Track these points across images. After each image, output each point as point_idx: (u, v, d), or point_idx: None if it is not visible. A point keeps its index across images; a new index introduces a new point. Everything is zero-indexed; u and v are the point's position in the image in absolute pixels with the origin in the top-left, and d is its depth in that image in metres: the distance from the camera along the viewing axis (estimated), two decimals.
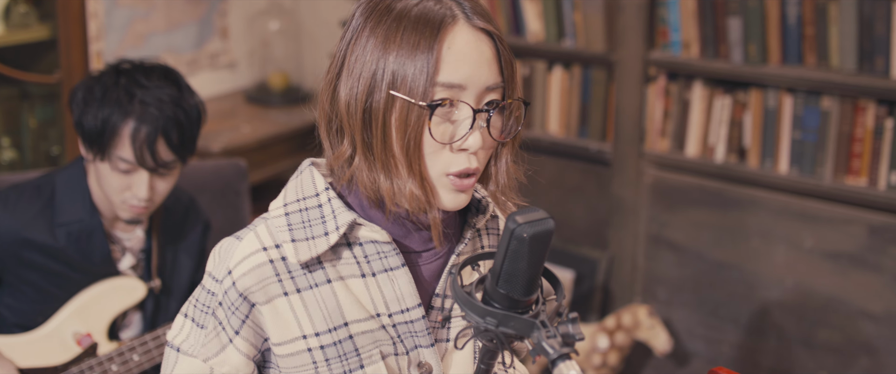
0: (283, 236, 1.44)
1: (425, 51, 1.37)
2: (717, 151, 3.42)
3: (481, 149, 1.42)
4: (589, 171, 3.73)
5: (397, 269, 1.46)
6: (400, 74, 1.37)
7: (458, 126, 1.40)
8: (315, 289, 1.44)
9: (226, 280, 1.44)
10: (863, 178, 3.19)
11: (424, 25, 1.38)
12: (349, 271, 1.46)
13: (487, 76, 1.41)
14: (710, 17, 3.34)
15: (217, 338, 1.47)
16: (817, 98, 3.21)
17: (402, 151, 1.39)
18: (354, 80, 1.41)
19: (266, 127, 3.96)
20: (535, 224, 1.18)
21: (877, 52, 3.10)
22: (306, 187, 1.48)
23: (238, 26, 4.36)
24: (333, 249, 1.45)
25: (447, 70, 1.38)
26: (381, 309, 1.47)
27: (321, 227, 1.44)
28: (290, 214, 1.46)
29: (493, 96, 1.42)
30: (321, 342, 1.44)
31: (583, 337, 1.20)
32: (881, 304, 3.22)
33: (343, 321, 1.45)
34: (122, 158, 2.24)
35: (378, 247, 1.46)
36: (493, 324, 1.21)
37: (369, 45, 1.40)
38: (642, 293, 3.71)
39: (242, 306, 1.44)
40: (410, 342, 1.49)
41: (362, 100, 1.40)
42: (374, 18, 1.41)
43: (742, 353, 3.53)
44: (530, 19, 3.68)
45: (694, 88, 3.42)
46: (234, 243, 1.46)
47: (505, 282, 1.21)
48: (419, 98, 1.37)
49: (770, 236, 3.38)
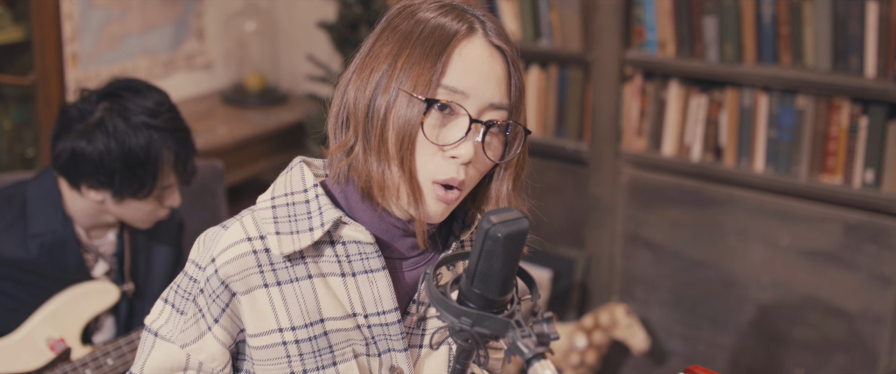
0: (268, 228, 1.45)
1: (437, 53, 1.40)
2: (693, 150, 3.44)
3: (472, 165, 1.43)
4: (566, 170, 3.73)
5: (377, 271, 1.47)
6: (408, 72, 1.40)
7: (453, 132, 1.41)
8: (295, 283, 1.45)
9: (209, 268, 1.45)
10: (838, 176, 3.21)
11: (442, 31, 1.42)
12: (330, 268, 1.47)
13: (493, 93, 1.42)
14: (685, 17, 3.35)
15: (196, 325, 1.48)
16: (792, 97, 3.22)
17: (395, 146, 1.40)
18: (366, 73, 1.44)
19: (243, 128, 3.95)
20: (509, 224, 1.18)
21: (851, 50, 3.12)
22: (295, 182, 1.49)
23: (214, 27, 4.34)
24: (316, 245, 1.46)
25: (453, 75, 1.40)
26: (357, 309, 1.47)
27: (306, 222, 1.45)
28: (277, 207, 1.47)
29: (497, 116, 1.43)
30: (296, 336, 1.45)
31: (558, 336, 1.20)
32: (856, 301, 3.23)
33: (319, 318, 1.46)
34: (165, 185, 2.29)
35: (361, 247, 1.47)
36: (468, 324, 1.21)
37: (386, 44, 1.44)
38: (620, 292, 3.72)
39: (223, 295, 1.45)
40: (384, 345, 1.50)
41: (370, 92, 1.42)
42: (396, 21, 1.46)
43: (719, 351, 3.54)
44: (507, 19, 3.68)
45: (670, 88, 3.43)
46: (220, 232, 1.47)
47: (480, 282, 1.21)
48: (421, 94, 1.39)
49: (746, 235, 3.39)
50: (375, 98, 1.42)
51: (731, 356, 3.52)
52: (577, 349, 3.49)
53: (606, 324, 3.48)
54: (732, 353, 3.52)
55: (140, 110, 2.23)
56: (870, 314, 3.22)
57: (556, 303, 3.77)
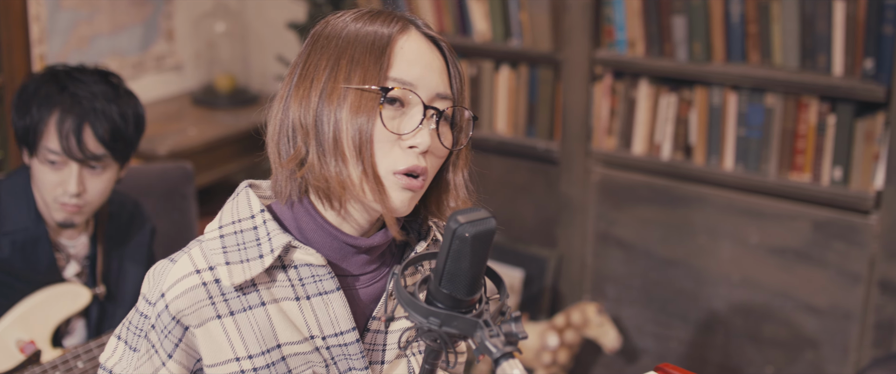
0: (218, 258, 1.43)
1: (379, 50, 1.41)
2: (663, 149, 3.45)
3: (430, 153, 1.43)
4: (537, 170, 3.74)
5: (332, 292, 1.45)
6: (353, 71, 1.41)
7: (409, 121, 1.42)
8: (249, 312, 1.44)
9: (159, 303, 1.43)
10: (806, 174, 3.23)
11: (378, 32, 1.43)
12: (283, 293, 1.45)
13: (438, 83, 1.44)
14: (654, 16, 3.36)
15: (150, 361, 1.46)
16: (761, 95, 3.24)
17: (352, 146, 1.40)
18: (306, 85, 1.43)
19: (213, 129, 3.94)
20: (476, 224, 1.18)
21: (819, 49, 3.14)
22: (242, 208, 1.47)
23: (184, 28, 4.33)
24: (268, 271, 1.45)
25: (399, 68, 1.41)
26: (315, 332, 1.46)
27: (256, 249, 1.43)
28: (225, 236, 1.45)
29: (443, 105, 1.45)
30: (254, 364, 1.43)
31: (526, 336, 1.21)
32: (825, 298, 3.25)
33: (276, 343, 1.44)
34: (50, 149, 2.22)
35: (313, 270, 1.45)
36: (437, 324, 1.21)
37: (322, 57, 1.44)
38: (591, 291, 3.73)
39: (176, 330, 1.43)
40: (344, 365, 1.48)
41: (315, 102, 1.41)
42: (326, 32, 1.46)
43: (690, 349, 3.56)
44: (477, 19, 3.69)
45: (640, 87, 3.45)
46: (168, 266, 1.45)
47: (448, 282, 1.21)
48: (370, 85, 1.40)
49: (716, 233, 3.41)
50: (321, 107, 1.41)
51: (702, 354, 3.54)
52: (549, 348, 3.49)
53: (578, 323, 3.48)
54: (703, 351, 3.54)
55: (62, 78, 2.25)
56: (839, 310, 3.24)
57: (528, 302, 3.77)
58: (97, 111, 2.23)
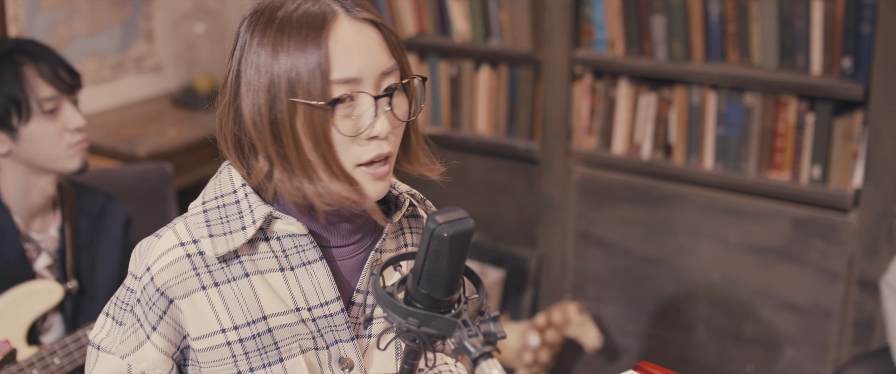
0: (201, 231, 1.45)
1: (313, 52, 1.38)
2: (643, 148, 3.46)
3: (391, 133, 1.44)
4: (517, 169, 3.74)
5: (315, 262, 1.47)
6: (295, 80, 1.38)
7: (363, 117, 1.41)
8: (233, 283, 1.46)
9: (144, 277, 1.46)
10: (786, 172, 3.24)
11: (307, 27, 1.39)
12: (267, 265, 1.47)
13: (380, 62, 1.42)
14: (634, 16, 3.37)
15: (134, 335, 1.48)
16: (740, 94, 3.25)
17: (316, 154, 1.40)
18: (253, 95, 1.41)
19: (193, 130, 3.93)
20: (454, 224, 1.19)
21: (797, 48, 3.15)
22: (224, 184, 1.49)
23: (163, 29, 4.32)
24: (251, 243, 1.47)
25: (339, 66, 1.39)
26: (300, 303, 1.48)
27: (238, 222, 1.45)
28: (209, 211, 1.47)
29: (391, 80, 1.44)
30: (240, 335, 1.45)
31: (504, 335, 1.21)
32: (805, 296, 3.27)
33: (262, 315, 1.46)
34: (46, 97, 2.28)
35: (295, 240, 1.47)
36: (415, 324, 1.21)
37: (260, 58, 1.41)
38: (572, 290, 3.73)
39: (160, 302, 1.45)
40: (331, 337, 1.50)
41: (266, 113, 1.40)
42: (259, 31, 1.42)
43: (671, 347, 3.57)
44: (457, 19, 3.69)
45: (619, 86, 3.45)
46: (153, 241, 1.48)
47: (426, 282, 1.21)
48: (318, 99, 1.38)
49: (696, 231, 3.42)
50: (275, 117, 1.40)
51: (683, 353, 3.55)
52: (530, 348, 3.50)
53: (559, 322, 3.49)
54: (684, 349, 3.55)
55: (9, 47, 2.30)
56: (818, 308, 3.25)
57: (509, 302, 3.78)
58: (46, 50, 2.34)
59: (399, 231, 1.61)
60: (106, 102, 4.14)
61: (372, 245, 1.55)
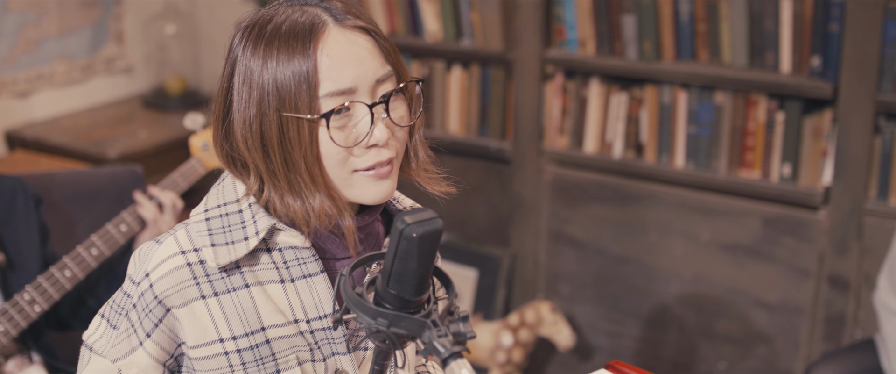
0: (203, 240, 1.45)
1: (302, 64, 1.37)
2: (614, 147, 3.47)
3: (391, 139, 1.44)
4: (489, 169, 3.75)
5: (316, 275, 1.47)
6: (285, 95, 1.38)
7: (359, 126, 1.41)
8: (233, 293, 1.45)
9: (143, 283, 1.45)
10: (756, 170, 3.26)
11: (295, 40, 1.38)
12: (268, 276, 1.47)
13: (374, 70, 1.41)
14: (604, 15, 3.38)
15: (128, 340, 1.47)
16: (711, 93, 3.27)
17: (304, 170, 1.40)
18: (243, 111, 1.41)
19: (164, 132, 3.91)
20: (423, 224, 1.19)
21: (767, 47, 3.17)
22: (227, 193, 1.49)
23: (133, 30, 4.30)
24: (252, 254, 1.46)
25: (332, 78, 1.38)
26: (299, 315, 1.47)
27: (241, 232, 1.45)
28: (211, 219, 1.47)
29: (387, 86, 1.43)
30: (238, 345, 1.45)
31: (474, 335, 1.21)
32: (776, 294, 3.28)
33: (260, 326, 1.46)
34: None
35: (297, 253, 1.47)
36: (384, 325, 1.21)
37: (251, 72, 1.40)
38: (545, 290, 3.74)
39: (157, 310, 1.45)
40: (328, 349, 1.49)
41: (257, 129, 1.40)
42: (249, 45, 1.42)
43: (644, 346, 3.58)
44: (428, 19, 3.69)
45: (591, 86, 3.46)
46: (153, 247, 1.47)
47: (395, 282, 1.21)
48: (308, 112, 1.37)
49: (668, 230, 3.43)
50: (264, 133, 1.40)
51: (656, 351, 3.56)
52: (504, 348, 3.50)
53: (532, 322, 3.50)
54: (656, 347, 3.56)
55: None
56: (789, 305, 3.27)
57: (482, 302, 3.78)
58: None
59: None
60: (76, 104, 4.12)
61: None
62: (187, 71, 4.40)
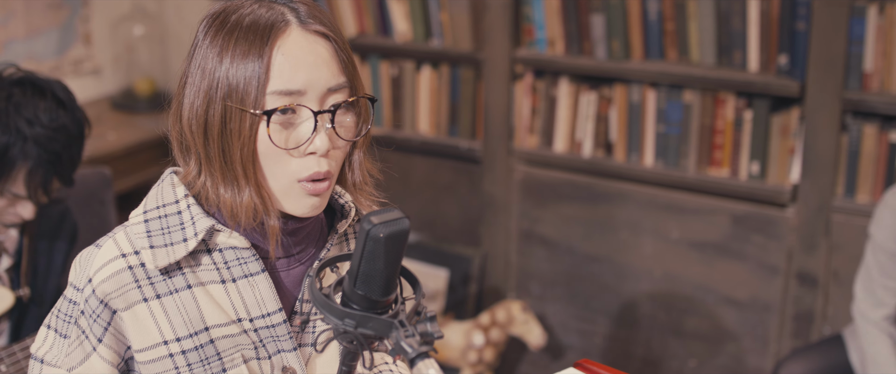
0: (142, 242, 1.44)
1: (256, 59, 1.37)
2: (584, 147, 3.47)
3: (332, 150, 1.42)
4: (460, 169, 3.75)
5: (257, 274, 1.47)
6: (233, 85, 1.38)
7: (301, 130, 1.40)
8: (175, 295, 1.44)
9: (86, 288, 1.44)
10: (725, 168, 3.27)
11: (254, 34, 1.38)
12: (209, 277, 1.46)
13: (327, 78, 1.40)
14: (573, 15, 3.38)
15: (81, 347, 1.46)
16: (679, 92, 3.28)
17: (239, 163, 1.39)
18: (194, 95, 1.41)
19: (133, 134, 3.90)
20: (390, 224, 1.18)
21: (734, 46, 3.18)
22: (166, 194, 1.48)
23: (101, 32, 4.27)
24: (193, 255, 1.46)
25: (283, 77, 1.37)
26: (242, 315, 1.47)
27: (180, 233, 1.44)
28: (150, 220, 1.46)
29: (338, 97, 1.42)
30: (182, 347, 1.44)
31: (441, 335, 1.21)
32: (745, 291, 3.30)
33: (204, 326, 1.45)
34: (14, 193, 2.20)
35: (237, 252, 1.46)
36: (352, 326, 1.21)
37: (207, 60, 1.40)
38: (516, 289, 3.74)
39: (104, 314, 1.43)
40: (273, 347, 1.49)
41: (202, 114, 1.40)
42: (212, 32, 1.42)
43: (614, 344, 3.59)
44: (397, 20, 3.68)
45: (560, 85, 3.47)
46: (94, 252, 1.46)
47: (362, 283, 1.21)
48: (252, 107, 1.37)
49: (638, 228, 3.44)
50: (207, 119, 1.40)
51: (626, 349, 3.57)
52: (475, 347, 3.50)
53: (503, 321, 3.50)
54: (627, 345, 3.57)
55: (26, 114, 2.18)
56: (758, 302, 3.29)
57: (454, 301, 3.78)
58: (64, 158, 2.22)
59: (344, 241, 1.60)
60: None
61: (316, 255, 1.54)
62: (156, 72, 4.38)
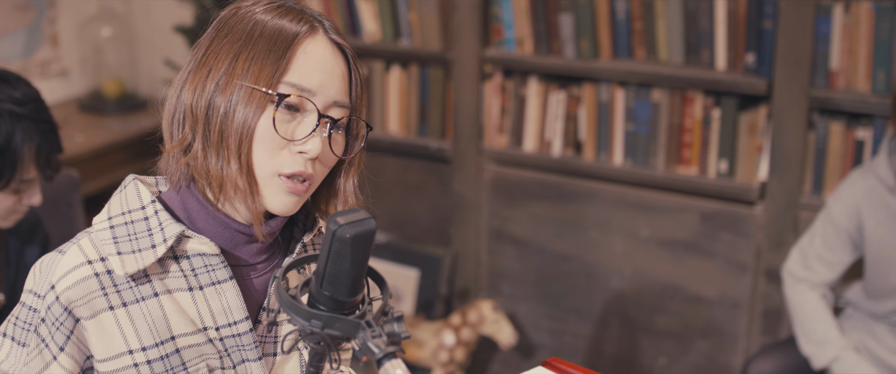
0: (109, 248, 1.42)
1: (281, 51, 1.41)
2: (553, 146, 3.48)
3: (319, 161, 1.44)
4: (430, 169, 3.75)
5: (225, 282, 1.46)
6: (251, 69, 1.40)
7: (301, 128, 1.42)
8: (141, 303, 1.43)
9: (48, 295, 1.41)
10: (693, 167, 3.29)
11: (283, 30, 1.43)
12: (176, 284, 1.45)
13: (337, 91, 1.44)
14: (542, 14, 3.39)
15: (40, 356, 1.43)
16: (648, 91, 3.29)
17: (235, 142, 1.40)
18: (204, 73, 1.43)
19: (101, 136, 3.87)
20: (356, 225, 1.18)
21: (702, 44, 3.20)
22: (131, 200, 1.46)
23: (69, 33, 4.25)
24: (161, 262, 1.44)
25: (300, 73, 1.41)
26: (208, 323, 1.46)
27: (148, 240, 1.43)
28: (116, 226, 1.44)
29: (339, 113, 1.45)
30: (148, 356, 1.43)
31: (408, 335, 1.21)
32: (715, 288, 3.32)
33: (170, 335, 1.44)
34: (27, 179, 2.20)
35: (205, 259, 1.45)
36: (319, 327, 1.21)
37: (224, 45, 1.43)
38: (487, 288, 3.75)
39: (67, 322, 1.41)
40: (238, 356, 1.48)
41: (209, 92, 1.41)
42: (232, 22, 1.45)
43: (585, 342, 3.60)
44: (366, 20, 3.68)
45: (529, 84, 3.47)
46: (57, 258, 1.43)
47: (329, 284, 1.21)
48: (266, 88, 1.39)
49: (608, 227, 3.45)
50: (214, 97, 1.41)
51: (597, 347, 3.58)
52: (446, 347, 3.50)
53: (474, 321, 3.50)
54: (598, 344, 3.58)
55: (5, 99, 2.17)
56: (727, 299, 3.30)
57: (424, 302, 3.78)
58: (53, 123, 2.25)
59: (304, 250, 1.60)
60: None
61: (279, 264, 1.54)
62: (124, 74, 4.36)
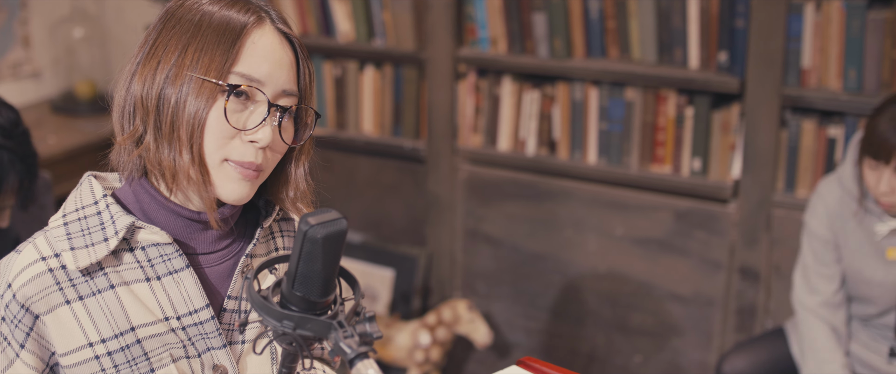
0: (62, 244, 1.43)
1: (229, 41, 1.42)
2: (528, 145, 3.48)
3: (270, 149, 1.45)
4: (404, 169, 3.75)
5: (182, 270, 1.47)
6: (200, 60, 1.41)
7: (252, 117, 1.43)
8: (98, 295, 1.43)
9: (6, 294, 1.42)
10: (667, 165, 3.30)
11: (231, 21, 1.44)
12: (133, 275, 1.45)
13: (285, 80, 1.46)
14: (515, 14, 3.39)
15: (3, 354, 1.44)
16: (621, 90, 3.30)
17: (187, 133, 1.40)
18: (153, 65, 1.43)
19: (73, 137, 3.85)
20: (327, 225, 1.18)
21: (675, 43, 3.21)
22: (85, 196, 1.48)
23: (40, 34, 4.22)
24: (115, 254, 1.45)
25: (249, 63, 1.42)
26: (169, 312, 1.46)
27: (100, 233, 1.44)
28: (69, 223, 1.45)
29: (289, 101, 1.47)
30: (108, 348, 1.43)
31: (380, 335, 1.21)
32: (689, 286, 3.33)
33: (129, 326, 1.44)
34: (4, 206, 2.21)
35: (160, 249, 1.46)
36: (291, 327, 1.21)
37: (172, 37, 1.43)
38: (462, 288, 3.75)
39: (26, 319, 1.42)
40: (202, 345, 1.49)
41: (159, 83, 1.42)
42: (180, 13, 1.45)
43: (560, 341, 3.60)
44: (340, 20, 3.67)
45: (503, 84, 3.48)
46: (13, 257, 1.45)
47: (300, 284, 1.21)
48: (216, 79, 1.40)
49: (582, 226, 3.46)
50: (165, 88, 1.41)
51: (572, 346, 3.59)
52: (422, 346, 3.50)
53: (449, 320, 3.50)
54: (573, 342, 3.58)
55: None
56: (702, 297, 3.32)
57: (400, 301, 3.78)
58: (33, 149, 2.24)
59: (270, 236, 1.61)
60: None
61: (242, 251, 1.55)
62: (97, 75, 4.33)
